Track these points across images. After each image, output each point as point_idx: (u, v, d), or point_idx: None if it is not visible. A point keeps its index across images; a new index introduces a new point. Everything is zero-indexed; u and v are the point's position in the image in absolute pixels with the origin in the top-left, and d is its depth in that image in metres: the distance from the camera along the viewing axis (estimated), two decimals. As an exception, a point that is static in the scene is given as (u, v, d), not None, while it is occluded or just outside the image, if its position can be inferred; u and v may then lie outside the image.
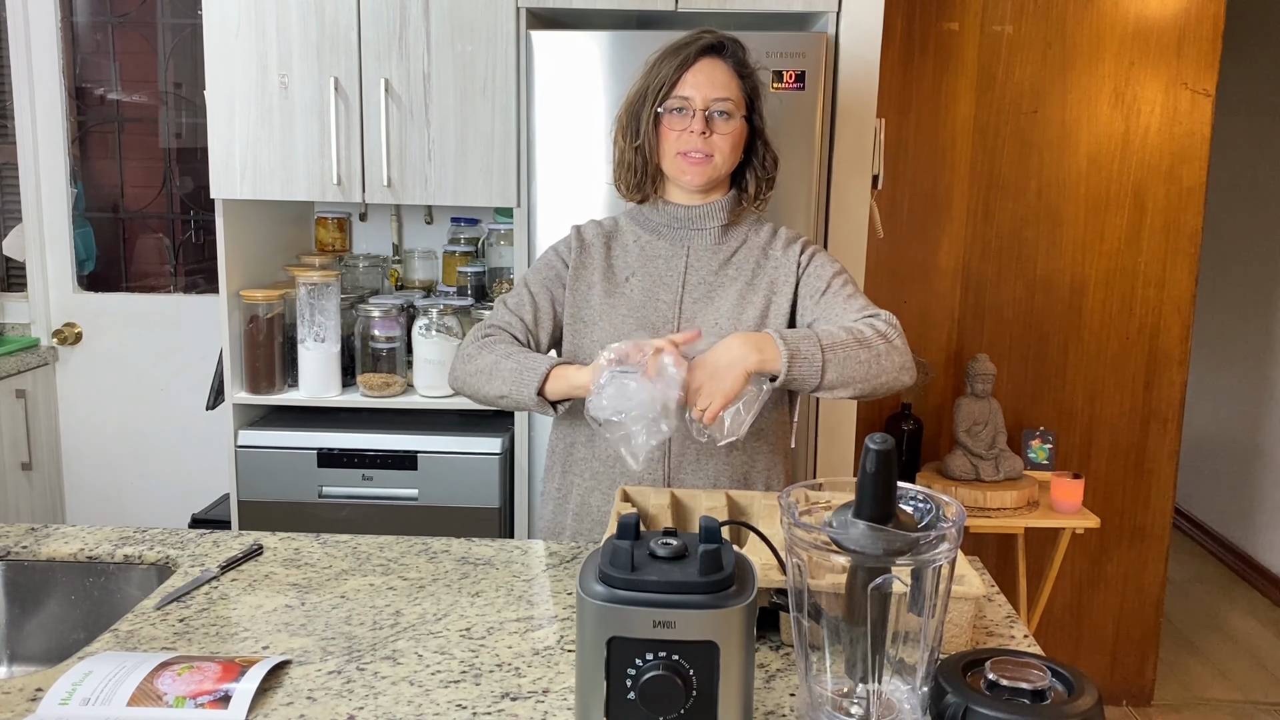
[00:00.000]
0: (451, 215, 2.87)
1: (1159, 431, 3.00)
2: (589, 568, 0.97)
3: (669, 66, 1.58)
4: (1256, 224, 4.17)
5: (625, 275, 1.64)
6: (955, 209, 2.94)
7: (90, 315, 3.11)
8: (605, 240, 1.68)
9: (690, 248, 1.64)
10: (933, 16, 2.86)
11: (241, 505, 2.48)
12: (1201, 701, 3.17)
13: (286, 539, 1.55)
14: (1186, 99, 2.86)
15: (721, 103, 1.56)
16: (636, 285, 1.63)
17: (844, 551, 0.94)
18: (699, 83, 1.57)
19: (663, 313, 1.62)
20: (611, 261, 1.66)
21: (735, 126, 1.59)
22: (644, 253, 1.66)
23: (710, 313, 1.61)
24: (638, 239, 1.67)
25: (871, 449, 0.92)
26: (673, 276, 1.64)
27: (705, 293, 1.62)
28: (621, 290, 1.63)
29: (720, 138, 1.57)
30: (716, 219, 1.64)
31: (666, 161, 1.60)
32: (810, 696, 1.00)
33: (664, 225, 1.65)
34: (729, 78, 1.58)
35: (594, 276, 1.65)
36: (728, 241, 1.65)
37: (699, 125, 1.56)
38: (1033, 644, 1.24)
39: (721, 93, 1.57)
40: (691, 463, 1.60)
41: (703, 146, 1.57)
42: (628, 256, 1.66)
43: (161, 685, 1.06)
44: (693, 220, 1.64)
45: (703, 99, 1.56)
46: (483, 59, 2.35)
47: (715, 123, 1.57)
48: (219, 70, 2.38)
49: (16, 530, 1.56)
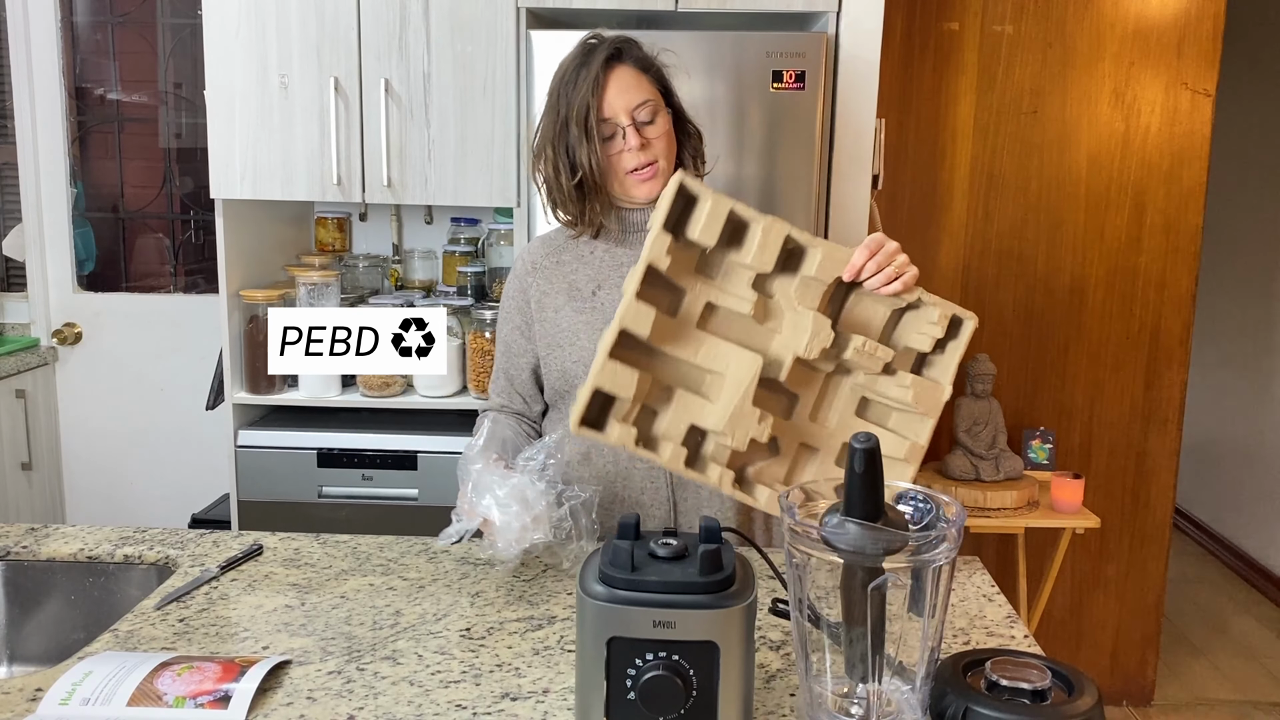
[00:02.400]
0: (451, 215, 2.86)
1: (1159, 431, 3.00)
2: (589, 568, 0.97)
3: (582, 91, 1.52)
4: (1256, 224, 4.17)
5: (591, 288, 1.59)
6: (955, 209, 2.94)
7: (90, 315, 3.11)
8: (557, 255, 1.62)
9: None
10: (933, 16, 2.86)
11: (241, 505, 2.49)
12: (1201, 701, 3.17)
13: (286, 539, 1.55)
14: (1186, 99, 2.86)
15: (643, 108, 1.52)
16: (606, 297, 1.58)
17: (838, 551, 0.94)
18: (613, 99, 1.52)
19: None
20: (572, 276, 1.60)
21: (663, 123, 1.55)
22: (605, 261, 1.61)
23: None
24: (594, 249, 1.62)
25: (857, 448, 0.92)
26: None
27: None
28: (591, 304, 1.58)
29: (655, 141, 1.54)
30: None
31: (616, 184, 1.56)
32: (810, 696, 1.00)
33: (620, 230, 1.61)
34: (637, 78, 1.55)
35: (559, 298, 1.59)
36: None
37: (635, 140, 1.52)
38: (1033, 644, 1.24)
39: (639, 98, 1.53)
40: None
41: (646, 158, 1.53)
42: (588, 268, 1.60)
43: (161, 685, 1.06)
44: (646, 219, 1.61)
45: (626, 113, 1.52)
46: (483, 59, 2.35)
47: (645, 130, 1.53)
48: (219, 70, 2.38)
49: (16, 530, 1.56)
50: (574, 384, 1.55)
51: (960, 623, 1.30)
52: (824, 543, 0.94)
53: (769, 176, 2.27)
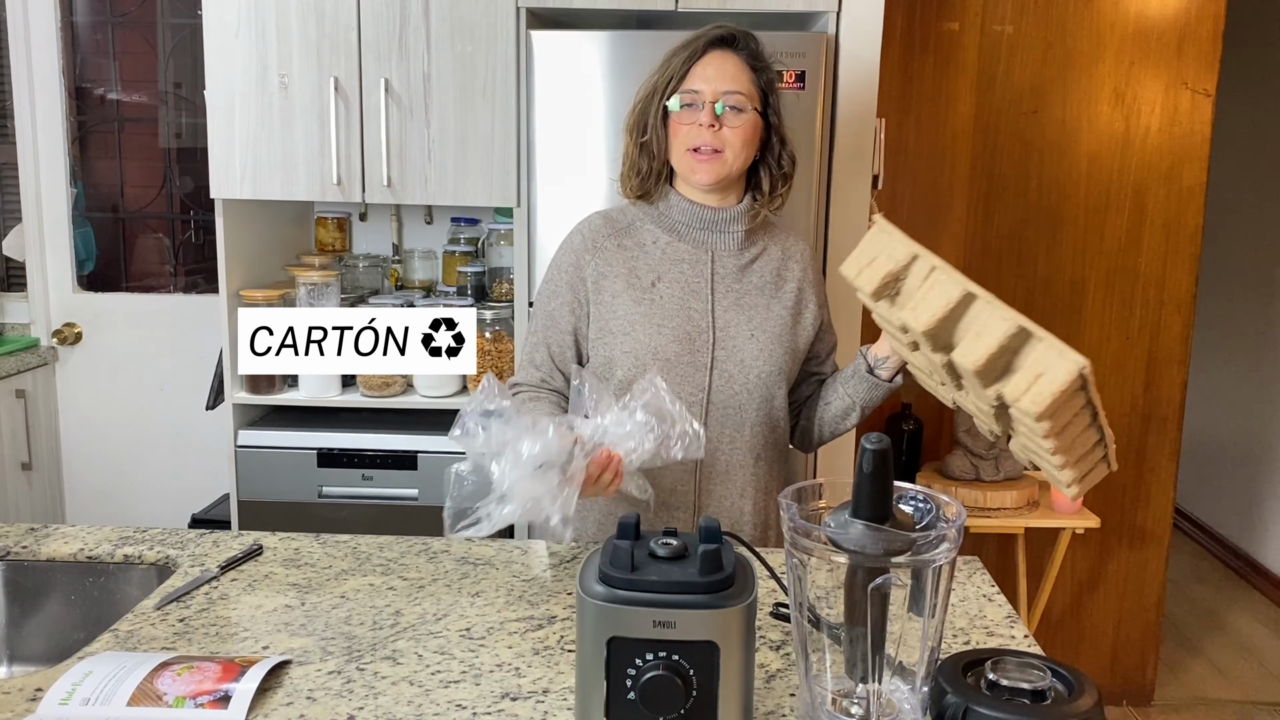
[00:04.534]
0: (451, 215, 2.86)
1: (1159, 431, 3.00)
2: (589, 568, 0.97)
3: (678, 60, 1.52)
4: (1256, 224, 4.17)
5: (651, 279, 1.55)
6: (955, 209, 2.94)
7: (90, 315, 3.11)
8: (618, 238, 1.57)
9: (714, 252, 1.57)
10: (933, 16, 2.86)
11: (241, 505, 2.49)
12: (1201, 701, 3.17)
13: (286, 539, 1.55)
14: (1186, 99, 2.86)
15: (731, 95, 1.49)
16: (665, 291, 1.54)
17: (843, 551, 0.94)
18: (708, 75, 1.50)
19: (696, 322, 1.54)
20: (632, 263, 1.55)
21: (747, 120, 1.51)
22: (666, 254, 1.56)
23: (743, 322, 1.55)
24: (657, 240, 1.57)
25: (868, 449, 0.92)
26: (700, 283, 1.56)
27: (734, 300, 1.56)
28: (650, 296, 1.54)
29: (731, 132, 1.50)
30: (741, 222, 1.57)
31: (676, 158, 1.53)
32: (810, 696, 1.00)
33: (684, 225, 1.57)
34: (740, 70, 1.51)
35: (618, 283, 1.54)
36: (750, 247, 1.59)
37: (708, 118, 1.48)
38: (1033, 644, 1.24)
39: (731, 85, 1.49)
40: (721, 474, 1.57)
41: (712, 141, 1.49)
42: (649, 258, 1.56)
43: (161, 685, 1.06)
44: (716, 222, 1.56)
45: (712, 91, 1.49)
46: (483, 59, 2.35)
47: (726, 116, 1.49)
48: (219, 70, 2.38)
49: (16, 530, 1.56)
50: (614, 373, 1.53)
51: (960, 623, 1.30)
52: (829, 543, 0.94)
53: (769, 176, 2.27)
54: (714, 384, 1.54)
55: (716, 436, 1.54)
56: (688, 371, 1.53)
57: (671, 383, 1.43)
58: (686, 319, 1.54)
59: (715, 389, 1.54)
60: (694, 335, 1.53)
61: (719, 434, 1.55)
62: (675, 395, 1.29)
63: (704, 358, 1.53)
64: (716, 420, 1.54)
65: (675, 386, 1.48)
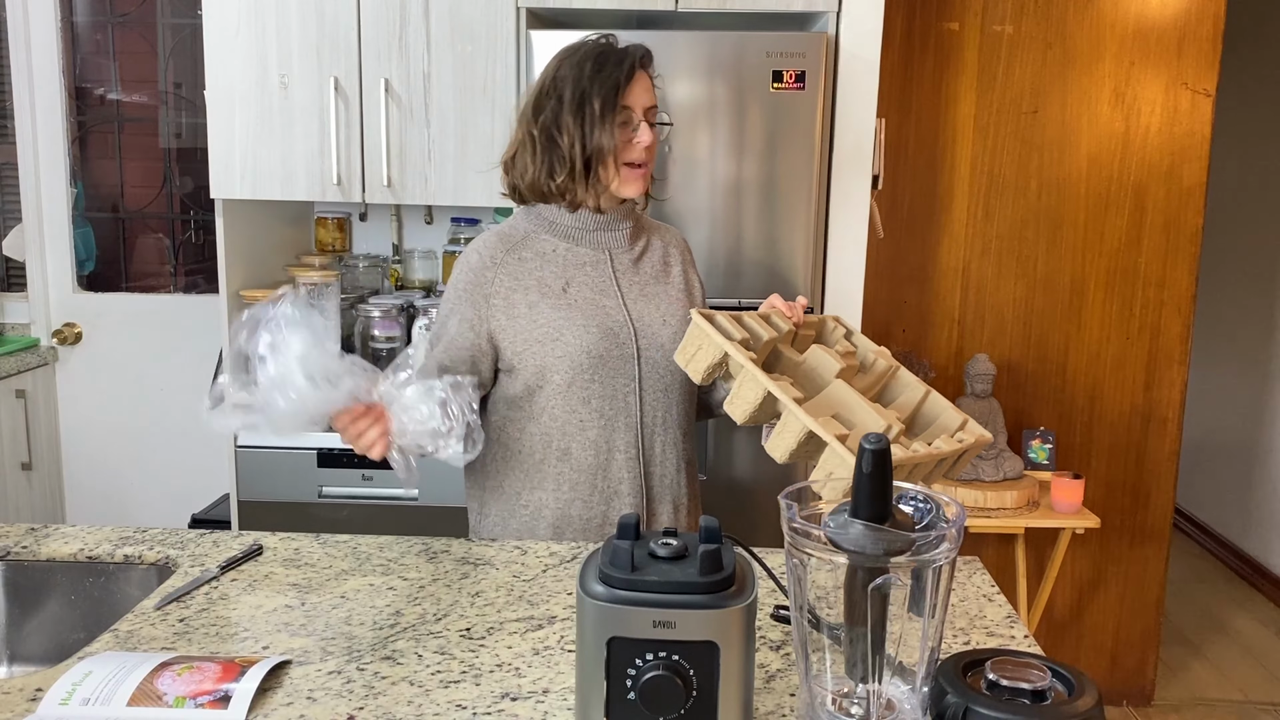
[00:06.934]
0: (451, 215, 2.87)
1: (1159, 431, 3.00)
2: (589, 568, 0.97)
3: (613, 73, 1.54)
4: (1257, 224, 4.17)
5: (561, 285, 1.59)
6: (955, 209, 2.94)
7: (90, 315, 3.11)
8: (516, 252, 1.61)
9: (610, 251, 1.64)
10: (933, 16, 2.86)
11: (241, 505, 2.48)
12: (1201, 701, 3.17)
13: (286, 539, 1.55)
14: (1186, 99, 2.86)
15: (652, 112, 1.59)
16: (577, 294, 1.60)
17: (843, 551, 0.94)
18: (637, 92, 1.57)
19: (614, 317, 1.60)
20: (538, 273, 1.60)
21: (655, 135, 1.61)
22: (568, 260, 1.61)
23: (653, 311, 1.63)
24: (555, 247, 1.62)
25: (868, 449, 0.92)
26: (606, 282, 1.62)
27: (639, 293, 1.64)
28: (565, 300, 1.58)
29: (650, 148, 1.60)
30: (629, 221, 1.66)
31: (607, 169, 1.56)
32: (810, 697, 1.00)
33: (581, 230, 1.62)
34: (650, 87, 1.60)
35: (531, 294, 1.58)
36: (637, 242, 1.68)
37: (647, 138, 1.56)
38: (1033, 644, 1.24)
39: (652, 103, 1.59)
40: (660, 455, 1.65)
41: (646, 157, 1.59)
42: (552, 265, 1.60)
43: (161, 685, 1.06)
44: (609, 225, 1.63)
45: (641, 109, 1.57)
46: (483, 59, 2.35)
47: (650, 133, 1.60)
48: (219, 70, 2.38)
49: (16, 530, 1.56)
50: (549, 379, 1.58)
51: (960, 623, 1.30)
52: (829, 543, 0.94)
53: (769, 177, 2.27)
54: (643, 372, 1.61)
55: (651, 420, 1.63)
56: (619, 365, 1.59)
57: (606, 377, 1.57)
58: (606, 316, 1.60)
59: (644, 376, 1.61)
60: (616, 330, 1.60)
61: (653, 418, 1.63)
62: (473, 409, 1.40)
63: (629, 349, 1.60)
64: (650, 405, 1.62)
65: (611, 380, 1.58)
